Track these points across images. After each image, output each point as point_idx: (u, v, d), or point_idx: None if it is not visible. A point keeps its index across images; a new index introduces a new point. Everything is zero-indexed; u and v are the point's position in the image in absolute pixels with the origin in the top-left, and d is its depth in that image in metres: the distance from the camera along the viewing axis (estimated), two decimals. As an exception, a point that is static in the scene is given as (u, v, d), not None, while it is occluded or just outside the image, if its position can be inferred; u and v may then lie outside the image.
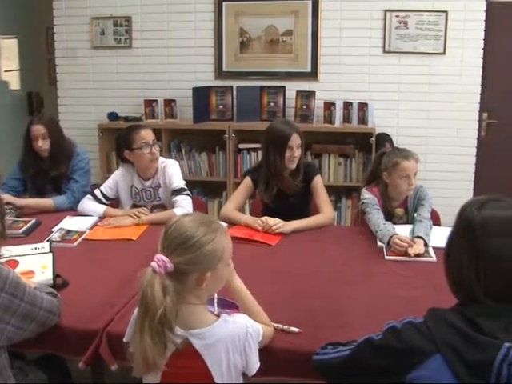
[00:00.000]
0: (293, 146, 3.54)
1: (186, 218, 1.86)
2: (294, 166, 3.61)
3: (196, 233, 1.80)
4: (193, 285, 1.82)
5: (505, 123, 5.69)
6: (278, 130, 3.59)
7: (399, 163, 3.39)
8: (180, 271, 1.78)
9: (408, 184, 3.40)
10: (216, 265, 1.84)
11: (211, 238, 1.82)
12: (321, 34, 5.57)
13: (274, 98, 5.56)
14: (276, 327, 2.12)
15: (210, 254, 1.81)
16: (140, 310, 1.76)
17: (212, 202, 5.73)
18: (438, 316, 1.69)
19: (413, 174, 3.39)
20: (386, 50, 5.55)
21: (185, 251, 1.78)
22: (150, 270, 1.75)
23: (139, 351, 1.74)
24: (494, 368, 1.55)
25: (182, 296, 1.80)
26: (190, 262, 1.78)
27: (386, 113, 5.55)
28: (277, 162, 3.56)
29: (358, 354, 1.78)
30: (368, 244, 3.17)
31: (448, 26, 5.43)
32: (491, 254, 1.65)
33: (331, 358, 1.86)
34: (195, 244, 1.79)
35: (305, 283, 2.63)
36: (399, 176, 3.40)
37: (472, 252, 1.67)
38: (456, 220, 1.77)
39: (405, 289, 2.52)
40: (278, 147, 3.55)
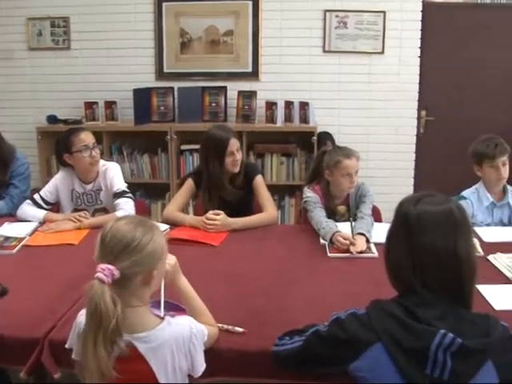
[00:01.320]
0: (233, 151, 3.55)
1: (120, 223, 1.83)
2: (238, 169, 3.62)
3: (136, 235, 1.78)
4: (136, 287, 1.80)
5: (442, 120, 5.83)
6: (214, 138, 3.59)
7: (341, 161, 3.42)
8: (125, 276, 1.76)
9: (350, 182, 3.44)
10: (157, 263, 1.83)
11: (150, 237, 1.81)
12: (261, 34, 5.59)
13: (216, 99, 5.56)
14: (221, 328, 2.12)
15: (152, 253, 1.80)
16: (92, 324, 1.71)
17: (155, 204, 5.68)
18: (378, 307, 1.77)
19: (354, 172, 3.44)
20: (326, 49, 5.62)
21: (129, 255, 1.76)
22: (96, 282, 1.71)
23: (94, 365, 1.70)
24: (430, 354, 1.63)
25: (125, 300, 1.78)
26: (135, 264, 1.77)
27: (327, 111, 5.61)
28: (216, 170, 3.57)
29: (308, 345, 1.86)
30: (311, 242, 3.19)
31: (386, 26, 5.54)
32: (426, 247, 1.74)
33: (287, 349, 1.92)
34: (138, 246, 1.77)
35: (249, 282, 2.64)
36: (341, 174, 3.44)
37: (409, 246, 1.76)
38: (394, 215, 1.85)
39: (347, 285, 2.55)
40: (218, 154, 3.55)
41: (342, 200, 3.58)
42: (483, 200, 3.56)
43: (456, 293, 1.76)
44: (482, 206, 3.56)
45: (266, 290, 2.54)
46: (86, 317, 1.73)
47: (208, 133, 3.67)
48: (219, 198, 3.62)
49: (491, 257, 2.92)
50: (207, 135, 3.65)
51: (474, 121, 5.72)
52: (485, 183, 3.59)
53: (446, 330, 1.63)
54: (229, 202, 3.59)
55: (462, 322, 1.70)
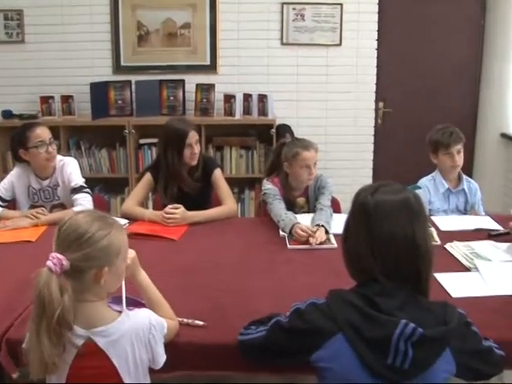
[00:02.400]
0: (192, 143, 3.54)
1: (79, 215, 1.82)
2: (195, 162, 3.61)
3: (90, 228, 1.77)
4: (91, 282, 1.79)
5: (399, 111, 5.92)
6: (174, 130, 3.58)
7: (299, 153, 3.44)
8: (76, 268, 1.74)
9: (308, 174, 3.46)
10: (113, 260, 1.81)
11: (106, 233, 1.79)
12: (219, 26, 5.57)
13: (174, 92, 5.53)
14: (181, 321, 2.11)
15: (105, 249, 1.78)
16: (37, 310, 1.70)
17: (114, 199, 5.63)
18: (338, 296, 1.77)
19: (313, 164, 3.46)
20: (284, 42, 5.63)
21: (79, 247, 1.74)
22: (45, 270, 1.70)
23: (36, 353, 1.69)
24: (392, 343, 1.64)
25: (81, 294, 1.77)
26: (86, 257, 1.75)
27: (286, 104, 5.63)
28: (175, 162, 3.56)
29: (270, 336, 1.86)
30: (271, 234, 3.20)
31: (343, 18, 5.59)
32: (385, 236, 1.75)
33: (251, 338, 1.93)
34: (90, 239, 1.75)
35: (209, 276, 2.64)
36: (300, 166, 3.45)
37: (368, 234, 1.77)
38: (352, 205, 1.86)
39: (308, 276, 2.57)
40: (176, 146, 3.54)
41: (301, 192, 3.60)
42: (439, 187, 3.64)
43: (414, 281, 1.78)
44: (438, 193, 3.65)
45: (226, 283, 2.55)
46: (34, 305, 1.72)
47: (167, 125, 3.66)
48: (178, 191, 3.60)
49: (448, 245, 2.98)
50: (166, 127, 3.64)
51: (431, 111, 5.83)
52: (441, 171, 3.68)
53: (407, 320, 1.65)
54: (188, 195, 3.58)
55: (421, 310, 1.73)
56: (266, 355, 1.91)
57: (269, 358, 1.91)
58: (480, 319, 2.10)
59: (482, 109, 6.06)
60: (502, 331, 2.11)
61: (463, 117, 5.88)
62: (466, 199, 3.69)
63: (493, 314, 2.26)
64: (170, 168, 3.58)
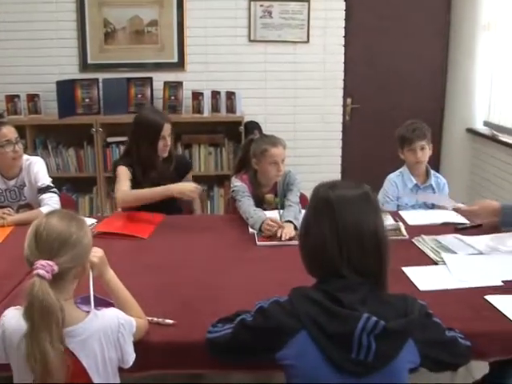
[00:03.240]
0: (165, 136, 3.55)
1: (52, 219, 1.80)
2: (167, 153, 3.62)
3: (71, 229, 1.78)
4: (68, 282, 1.79)
5: (367, 107, 5.96)
6: (148, 121, 3.58)
7: (267, 150, 3.44)
8: (62, 271, 1.74)
9: (277, 170, 3.47)
10: (88, 257, 1.87)
11: (84, 231, 1.83)
12: (186, 24, 5.55)
13: (142, 90, 5.50)
14: (150, 320, 2.10)
15: (87, 246, 1.83)
16: (43, 322, 1.66)
17: (83, 199, 5.58)
18: (301, 293, 1.78)
19: (281, 160, 3.47)
20: (252, 39, 5.63)
21: (68, 250, 1.75)
22: (37, 279, 1.68)
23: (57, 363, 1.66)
24: (354, 338, 1.66)
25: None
26: (74, 258, 1.77)
27: (254, 101, 5.64)
28: (150, 153, 3.56)
29: (236, 334, 1.86)
30: (240, 231, 3.21)
31: (311, 15, 5.60)
32: (351, 229, 1.77)
33: (218, 336, 1.92)
34: (75, 240, 1.78)
35: (178, 274, 2.63)
36: (268, 162, 3.46)
37: (334, 228, 1.77)
38: (312, 201, 1.87)
39: (276, 272, 2.57)
40: (151, 138, 3.54)
41: (270, 188, 3.60)
42: (407, 183, 3.68)
43: (376, 275, 1.80)
44: (406, 188, 3.69)
45: (195, 281, 2.54)
46: (28, 317, 1.68)
47: (141, 115, 3.65)
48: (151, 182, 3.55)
49: (415, 239, 3.01)
50: (140, 118, 3.63)
51: (398, 107, 5.89)
52: (407, 166, 3.72)
53: (369, 314, 1.67)
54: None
55: (382, 304, 1.75)
56: (232, 354, 1.91)
57: (236, 356, 1.91)
58: (447, 312, 2.14)
59: (449, 104, 6.14)
60: (469, 323, 2.14)
61: (430, 112, 5.94)
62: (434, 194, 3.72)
63: (460, 307, 2.29)
64: (142, 159, 3.56)
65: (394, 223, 3.23)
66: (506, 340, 2.14)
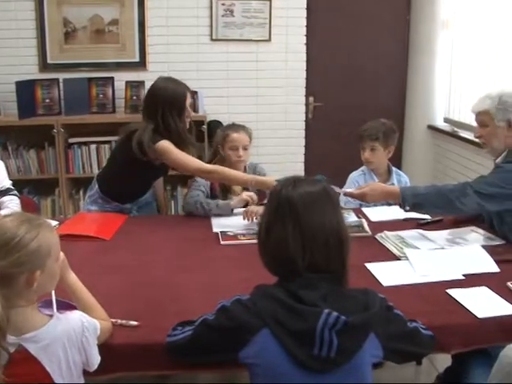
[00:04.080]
0: (188, 106, 3.38)
1: (6, 219, 1.76)
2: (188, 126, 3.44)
3: (17, 232, 1.71)
4: (22, 287, 1.73)
5: (329, 105, 6.00)
6: (173, 91, 3.33)
7: (228, 135, 3.51)
8: (7, 275, 1.69)
9: (236, 155, 3.48)
10: (45, 262, 1.76)
11: (34, 235, 1.73)
12: (147, 23, 5.51)
13: (103, 90, 5.44)
14: (114, 322, 2.08)
15: (35, 252, 1.72)
16: None
17: (45, 201, 5.50)
18: (262, 291, 1.78)
19: (241, 146, 3.49)
20: (214, 37, 5.62)
21: (8, 253, 1.68)
22: None
23: None
24: (316, 334, 1.67)
25: (11, 301, 1.70)
26: (16, 264, 1.68)
27: (217, 100, 5.63)
28: (181, 126, 3.34)
29: (197, 334, 1.85)
30: (204, 230, 3.20)
31: (272, 13, 5.60)
32: (315, 227, 1.78)
33: (178, 339, 1.90)
34: (18, 244, 1.69)
35: (142, 274, 2.61)
36: (229, 147, 3.51)
37: (297, 228, 1.77)
38: (272, 200, 1.87)
39: (241, 271, 2.57)
40: (178, 109, 3.32)
41: None
42: (369, 181, 3.70)
43: (337, 271, 1.81)
44: (368, 187, 3.70)
45: (158, 281, 2.53)
46: None
47: (163, 86, 3.36)
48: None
49: (378, 235, 3.04)
50: (163, 89, 3.34)
51: (360, 105, 5.94)
52: None
53: (330, 310, 1.68)
54: None
55: (343, 299, 1.77)
56: (193, 355, 1.89)
57: (197, 357, 1.89)
58: (410, 306, 2.18)
59: (410, 101, 6.21)
60: (431, 317, 2.17)
61: (392, 110, 6.00)
62: None
63: (422, 301, 2.33)
64: (175, 132, 3.31)
65: (356, 220, 3.26)
66: (467, 332, 2.18)
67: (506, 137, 2.92)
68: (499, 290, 2.39)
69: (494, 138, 2.95)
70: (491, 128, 2.94)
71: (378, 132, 3.64)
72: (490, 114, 2.92)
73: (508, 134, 2.91)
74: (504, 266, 2.63)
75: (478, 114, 3.02)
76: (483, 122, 2.99)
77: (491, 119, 2.92)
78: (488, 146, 3.03)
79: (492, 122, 2.92)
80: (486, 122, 2.97)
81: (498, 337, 2.16)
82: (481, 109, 2.98)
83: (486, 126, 2.97)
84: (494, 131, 2.93)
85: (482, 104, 2.97)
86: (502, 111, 2.88)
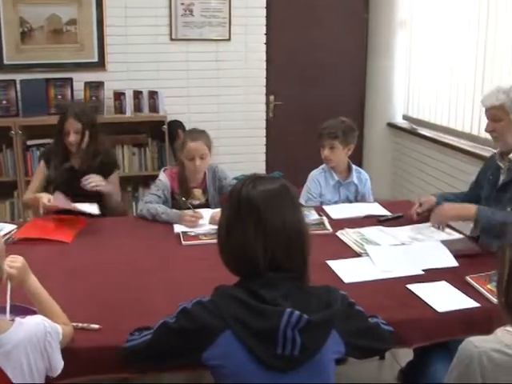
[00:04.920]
0: (70, 131, 3.52)
1: None
2: (75, 149, 3.57)
3: None
4: None
5: (290, 104, 6.02)
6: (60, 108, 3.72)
7: (186, 144, 3.47)
8: None
9: (193, 166, 3.47)
10: None
11: None
12: (106, 22, 5.44)
13: (62, 91, 5.36)
14: (75, 326, 2.06)
15: None
16: None
17: (3, 204, 5.39)
18: (223, 292, 1.77)
19: (199, 156, 3.45)
20: (173, 37, 5.59)
21: None
22: None
23: None
24: (279, 334, 1.67)
25: None
26: None
27: (177, 100, 5.59)
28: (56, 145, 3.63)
29: (157, 338, 1.83)
30: (165, 231, 3.18)
31: (232, 13, 5.59)
32: (278, 226, 1.77)
33: (136, 343, 1.88)
34: None
35: (103, 277, 2.58)
36: (186, 156, 3.47)
37: (259, 227, 1.76)
38: (232, 200, 1.85)
39: (202, 272, 2.55)
40: (58, 127, 3.58)
41: (198, 183, 3.60)
42: (329, 180, 3.73)
43: (299, 269, 1.82)
44: (328, 185, 3.73)
45: (120, 284, 2.51)
46: None
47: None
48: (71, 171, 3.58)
49: (339, 233, 3.06)
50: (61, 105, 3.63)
51: (320, 103, 5.98)
52: None
53: (292, 308, 1.68)
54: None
55: (305, 297, 1.77)
56: (152, 360, 1.86)
57: (156, 361, 1.86)
58: (371, 302, 2.20)
59: (369, 100, 6.27)
60: (392, 312, 2.20)
61: (351, 108, 6.06)
62: (357, 190, 3.79)
63: (383, 297, 2.36)
64: (57, 144, 3.59)
65: (317, 218, 3.28)
66: (427, 327, 2.22)
67: None
68: (458, 285, 2.44)
69: (508, 132, 2.89)
70: (506, 122, 2.87)
71: (337, 130, 3.64)
72: (504, 108, 2.84)
73: None
74: (463, 261, 2.68)
75: (490, 108, 2.93)
76: (497, 117, 2.90)
77: (506, 114, 2.85)
78: (501, 140, 2.96)
79: (507, 116, 2.85)
80: (500, 116, 2.88)
81: (458, 330, 2.20)
82: (495, 103, 2.88)
83: (500, 121, 2.89)
84: (509, 126, 2.87)
85: (495, 98, 2.87)
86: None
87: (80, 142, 3.53)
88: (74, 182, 3.45)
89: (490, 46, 4.50)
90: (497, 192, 2.98)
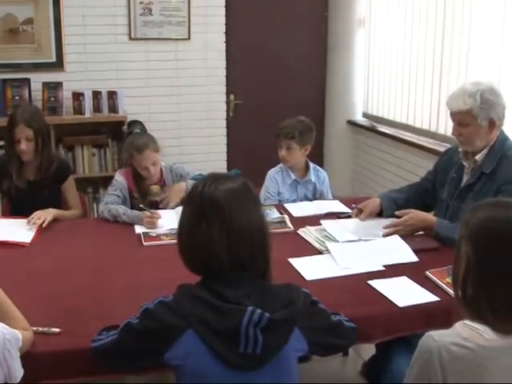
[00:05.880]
0: (20, 139, 3.36)
1: None
2: (26, 158, 3.43)
3: None
4: None
5: (250, 103, 6.03)
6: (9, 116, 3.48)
7: (134, 157, 3.47)
8: None
9: (148, 174, 3.46)
10: None
11: None
12: (64, 22, 5.36)
13: (19, 92, 5.27)
14: (35, 330, 2.02)
15: None
16: None
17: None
18: (186, 291, 1.77)
19: (150, 163, 3.44)
20: (133, 37, 5.54)
21: None
22: None
23: None
24: (241, 332, 1.67)
25: None
26: None
27: (137, 100, 5.54)
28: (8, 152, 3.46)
29: (121, 339, 1.82)
30: (127, 233, 3.14)
31: (191, 12, 5.57)
32: (242, 225, 1.77)
33: (103, 343, 1.87)
34: None
35: (63, 280, 2.54)
36: (138, 166, 3.46)
37: (223, 227, 1.75)
38: (193, 200, 1.84)
39: (165, 272, 2.53)
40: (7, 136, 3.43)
41: (155, 180, 3.59)
42: (286, 179, 3.74)
43: (262, 267, 1.82)
44: (286, 184, 3.74)
45: (80, 286, 2.47)
46: None
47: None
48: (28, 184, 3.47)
49: (301, 230, 3.07)
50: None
51: (280, 102, 6.00)
52: None
53: (254, 307, 1.68)
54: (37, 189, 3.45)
55: (268, 295, 1.77)
56: (119, 359, 1.85)
57: (123, 361, 1.86)
58: (333, 299, 2.22)
59: (329, 97, 6.31)
60: (354, 308, 2.22)
61: (312, 106, 6.09)
62: (315, 188, 3.80)
63: (345, 293, 2.37)
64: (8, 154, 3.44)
65: (279, 216, 3.28)
66: (388, 322, 2.25)
67: (487, 134, 2.84)
68: (418, 279, 2.47)
69: (476, 137, 2.84)
70: (473, 127, 2.82)
71: (295, 131, 3.64)
72: (472, 113, 2.78)
73: (489, 132, 2.83)
74: (422, 256, 2.71)
75: (458, 113, 2.87)
76: (464, 122, 2.84)
77: (474, 119, 2.79)
78: (468, 144, 2.92)
79: (475, 121, 2.80)
80: (467, 121, 2.82)
81: (418, 324, 2.23)
82: (462, 108, 2.81)
83: (467, 126, 2.83)
84: (477, 130, 2.82)
85: (461, 102, 2.81)
86: (486, 110, 2.77)
87: (34, 149, 3.41)
88: (30, 195, 3.41)
89: (447, 44, 4.57)
90: (460, 191, 2.99)
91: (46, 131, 3.49)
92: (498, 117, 2.82)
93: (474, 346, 1.55)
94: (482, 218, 1.62)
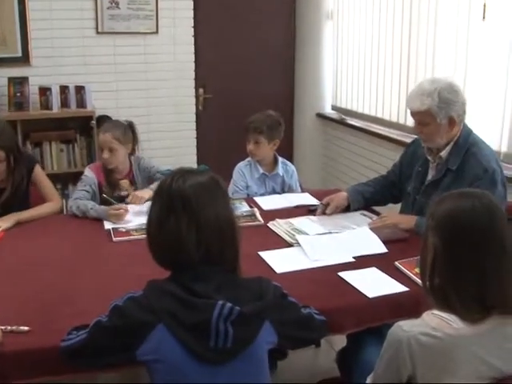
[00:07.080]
0: None
1: None
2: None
3: None
4: None
5: (220, 97, 6.02)
6: None
7: (99, 135, 3.45)
8: None
9: (101, 157, 3.47)
10: None
11: None
12: (29, 16, 5.29)
13: (-16, 87, 5.21)
14: (4, 329, 2.00)
15: None
16: None
17: None
18: (155, 287, 1.76)
19: (107, 148, 3.43)
20: (100, 30, 5.48)
21: None
22: None
23: None
24: (211, 326, 1.67)
25: None
26: None
27: (105, 94, 5.50)
28: None
29: (92, 337, 1.80)
30: (95, 229, 3.12)
31: (159, 5, 5.54)
32: (211, 220, 1.77)
33: (73, 343, 1.85)
34: None
35: (32, 278, 2.51)
36: (99, 148, 3.45)
37: (191, 221, 1.76)
38: (162, 194, 1.84)
39: (135, 267, 2.52)
40: None
41: (124, 174, 3.59)
42: (254, 172, 3.74)
43: (231, 261, 1.83)
44: (254, 177, 3.75)
45: (49, 284, 2.44)
46: None
47: None
48: None
49: (271, 224, 3.08)
50: None
51: (249, 95, 6.00)
52: None
53: (224, 301, 1.69)
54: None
55: (238, 289, 1.78)
56: (90, 357, 1.84)
57: (94, 359, 1.84)
58: (304, 291, 2.23)
59: (298, 91, 6.33)
60: (325, 300, 2.24)
61: (281, 99, 6.10)
62: (283, 181, 3.81)
63: (315, 285, 2.39)
64: None
65: (248, 209, 3.29)
66: (359, 313, 2.27)
67: (447, 132, 2.86)
68: (388, 270, 2.50)
69: (436, 135, 2.86)
70: (433, 126, 2.83)
71: (263, 125, 3.64)
72: (431, 113, 2.80)
73: (449, 129, 2.85)
74: (391, 246, 2.74)
75: (417, 113, 2.88)
76: (424, 122, 2.86)
77: (433, 118, 2.81)
78: (429, 141, 2.94)
79: (434, 120, 2.81)
80: (427, 121, 2.84)
81: (388, 315, 2.25)
82: (420, 108, 2.82)
83: (427, 125, 2.85)
84: (437, 129, 2.84)
85: (419, 102, 2.82)
86: (444, 109, 2.79)
87: (6, 169, 3.24)
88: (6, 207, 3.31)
89: (414, 36, 4.60)
90: (426, 187, 3.02)
91: (15, 145, 3.34)
92: (457, 114, 2.83)
93: (443, 335, 1.58)
94: (447, 209, 1.65)
